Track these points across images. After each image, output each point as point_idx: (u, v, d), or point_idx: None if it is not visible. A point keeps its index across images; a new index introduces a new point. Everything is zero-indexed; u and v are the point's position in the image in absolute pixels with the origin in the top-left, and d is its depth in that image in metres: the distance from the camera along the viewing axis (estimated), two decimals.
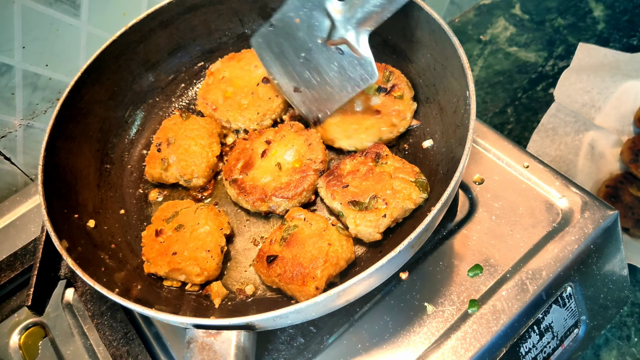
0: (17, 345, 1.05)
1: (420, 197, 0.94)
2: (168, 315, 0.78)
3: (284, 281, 0.89)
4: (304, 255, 0.90)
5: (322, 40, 0.99)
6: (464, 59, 0.91)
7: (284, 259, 0.91)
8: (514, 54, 1.81)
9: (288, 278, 0.89)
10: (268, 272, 0.91)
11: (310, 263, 0.88)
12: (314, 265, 0.88)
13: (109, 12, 1.27)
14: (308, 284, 0.87)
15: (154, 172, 1.10)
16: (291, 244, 0.92)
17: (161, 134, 1.13)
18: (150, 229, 1.01)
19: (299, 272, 0.88)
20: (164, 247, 0.97)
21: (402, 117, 1.06)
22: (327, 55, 1.00)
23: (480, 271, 0.95)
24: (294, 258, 0.90)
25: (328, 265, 0.88)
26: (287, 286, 0.90)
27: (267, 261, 0.91)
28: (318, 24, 0.99)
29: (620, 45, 1.74)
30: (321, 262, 0.88)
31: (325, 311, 0.83)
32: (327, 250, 0.89)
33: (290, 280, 0.88)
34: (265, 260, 0.92)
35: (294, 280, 0.88)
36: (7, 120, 1.26)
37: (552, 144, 1.49)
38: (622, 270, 1.06)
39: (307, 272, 0.88)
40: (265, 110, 1.14)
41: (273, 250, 0.93)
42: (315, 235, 0.92)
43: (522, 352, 0.94)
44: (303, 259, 0.89)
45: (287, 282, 0.89)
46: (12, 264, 1.09)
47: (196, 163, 1.08)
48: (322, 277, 0.88)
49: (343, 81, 1.01)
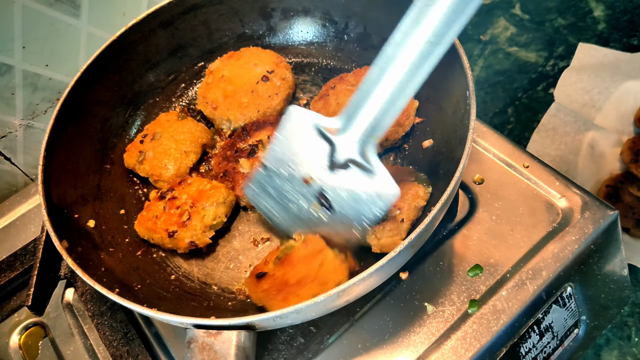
0: (17, 345, 1.05)
1: (427, 192, 0.93)
2: (168, 315, 0.78)
3: (268, 296, 0.87)
4: (293, 274, 0.87)
5: (325, 167, 0.87)
6: (464, 59, 0.91)
7: (273, 276, 0.89)
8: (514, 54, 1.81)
9: (272, 293, 0.87)
10: (255, 288, 0.90)
11: (298, 281, 0.86)
12: (300, 284, 0.86)
13: (109, 12, 1.27)
14: (289, 301, 0.84)
15: (130, 161, 1.11)
16: (284, 263, 0.90)
17: (152, 126, 1.14)
18: None
19: (283, 288, 0.86)
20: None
21: (406, 116, 1.06)
22: (333, 182, 0.87)
23: (480, 271, 0.95)
24: (282, 275, 0.88)
25: (314, 285, 0.86)
26: (269, 302, 0.88)
27: (257, 277, 0.90)
28: (315, 149, 0.87)
29: (620, 45, 1.74)
30: (308, 281, 0.86)
31: (326, 311, 0.83)
32: (317, 270, 0.87)
33: (273, 296, 0.86)
34: (255, 276, 0.91)
35: (277, 296, 0.86)
36: (7, 120, 1.26)
37: (552, 144, 1.49)
38: (622, 270, 1.06)
39: (292, 290, 0.86)
40: (265, 108, 1.14)
41: (266, 268, 0.92)
42: (309, 256, 0.89)
43: (522, 352, 0.94)
44: (290, 277, 0.87)
45: (270, 298, 0.87)
46: (12, 264, 1.09)
47: (167, 167, 1.08)
48: (306, 297, 0.83)
49: (358, 208, 0.86)
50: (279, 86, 1.16)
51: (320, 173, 0.88)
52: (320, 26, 1.26)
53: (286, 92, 1.17)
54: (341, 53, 1.25)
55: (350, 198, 0.87)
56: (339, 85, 1.10)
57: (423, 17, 0.74)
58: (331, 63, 1.25)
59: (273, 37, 1.29)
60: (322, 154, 0.87)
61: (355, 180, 0.86)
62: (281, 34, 1.29)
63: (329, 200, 0.88)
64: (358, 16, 1.19)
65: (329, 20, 1.24)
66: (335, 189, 0.87)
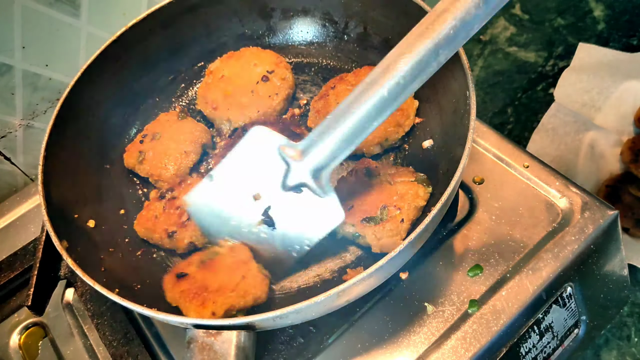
0: (17, 345, 1.05)
1: (427, 192, 0.94)
2: (168, 315, 0.78)
3: (185, 298, 0.87)
4: (214, 280, 0.88)
5: (277, 187, 0.90)
6: (464, 59, 0.91)
7: (193, 278, 0.89)
8: (514, 54, 1.81)
9: (190, 296, 0.86)
10: (173, 287, 0.90)
11: (217, 288, 0.86)
12: (219, 292, 0.86)
13: (109, 12, 1.27)
14: (207, 307, 0.84)
15: (130, 161, 1.11)
16: (207, 267, 0.90)
17: (152, 126, 1.14)
18: None
19: (201, 293, 0.86)
20: None
21: (406, 116, 1.06)
22: (282, 202, 0.90)
23: (480, 271, 0.95)
24: (203, 280, 0.88)
25: (233, 295, 0.86)
26: (185, 304, 0.87)
27: (177, 276, 0.90)
28: (271, 168, 0.89)
29: (620, 45, 1.74)
30: (227, 291, 0.86)
31: (325, 311, 0.83)
32: (238, 282, 0.87)
33: (191, 299, 0.86)
34: (175, 275, 0.90)
35: (194, 300, 0.86)
36: (7, 120, 1.26)
37: (552, 144, 1.49)
38: (622, 270, 1.06)
39: (210, 297, 0.85)
40: (265, 108, 1.14)
41: (188, 269, 0.91)
42: (234, 265, 0.90)
43: (522, 352, 0.94)
44: (211, 283, 0.87)
45: (186, 300, 0.87)
46: (12, 264, 1.09)
47: (167, 167, 1.08)
48: (223, 305, 0.85)
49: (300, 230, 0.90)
50: (279, 86, 1.16)
51: (272, 192, 0.91)
52: (320, 26, 1.26)
53: (286, 92, 1.17)
54: (341, 53, 1.25)
55: (295, 220, 0.90)
56: (339, 85, 1.10)
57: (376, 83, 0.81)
58: (331, 63, 1.25)
59: (273, 37, 1.29)
60: (277, 174, 0.89)
61: (304, 203, 0.89)
62: (281, 34, 1.29)
63: (273, 220, 0.91)
64: (358, 16, 1.19)
65: (329, 20, 1.24)
66: (283, 209, 0.91)
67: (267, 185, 0.91)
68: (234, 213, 0.94)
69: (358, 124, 0.82)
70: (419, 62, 0.78)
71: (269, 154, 0.89)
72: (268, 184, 0.91)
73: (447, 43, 0.78)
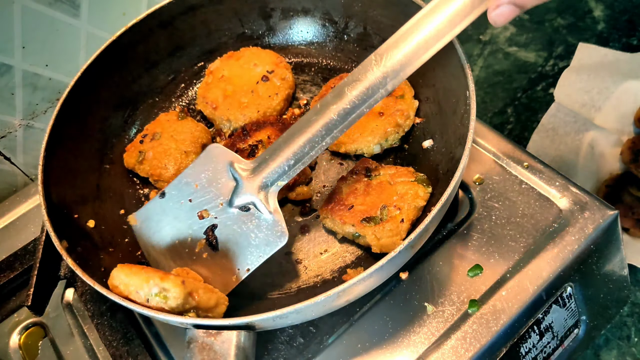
0: (17, 345, 1.05)
1: (427, 192, 0.94)
2: (168, 315, 0.78)
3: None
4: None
5: (225, 204, 0.91)
6: (464, 59, 0.91)
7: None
8: (514, 54, 1.81)
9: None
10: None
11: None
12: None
13: (109, 12, 1.27)
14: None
15: (130, 161, 1.11)
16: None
17: (152, 126, 1.14)
18: None
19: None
20: None
21: (406, 117, 1.06)
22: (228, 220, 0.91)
23: (480, 271, 0.95)
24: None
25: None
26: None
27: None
28: (220, 185, 0.91)
29: (620, 45, 1.74)
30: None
31: (325, 311, 0.83)
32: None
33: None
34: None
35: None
36: (7, 120, 1.26)
37: (552, 144, 1.49)
38: (622, 270, 1.06)
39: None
40: (265, 108, 1.14)
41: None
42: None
43: (522, 352, 0.94)
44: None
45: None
46: (12, 264, 1.09)
47: (167, 167, 1.08)
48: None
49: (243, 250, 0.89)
50: (279, 86, 1.16)
51: (218, 209, 0.92)
52: (320, 26, 1.26)
53: (286, 92, 1.17)
54: (341, 53, 1.25)
55: (238, 239, 0.90)
56: None
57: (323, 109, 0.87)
58: (331, 63, 1.25)
59: (273, 37, 1.29)
60: (226, 191, 0.91)
61: (249, 222, 0.90)
62: (281, 34, 1.29)
63: (216, 239, 0.91)
64: (358, 16, 1.19)
65: (329, 20, 1.24)
66: (228, 228, 0.91)
67: (214, 204, 0.92)
68: (178, 233, 0.94)
69: (308, 142, 0.87)
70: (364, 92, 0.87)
71: (220, 171, 0.91)
72: (216, 202, 0.92)
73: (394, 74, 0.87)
